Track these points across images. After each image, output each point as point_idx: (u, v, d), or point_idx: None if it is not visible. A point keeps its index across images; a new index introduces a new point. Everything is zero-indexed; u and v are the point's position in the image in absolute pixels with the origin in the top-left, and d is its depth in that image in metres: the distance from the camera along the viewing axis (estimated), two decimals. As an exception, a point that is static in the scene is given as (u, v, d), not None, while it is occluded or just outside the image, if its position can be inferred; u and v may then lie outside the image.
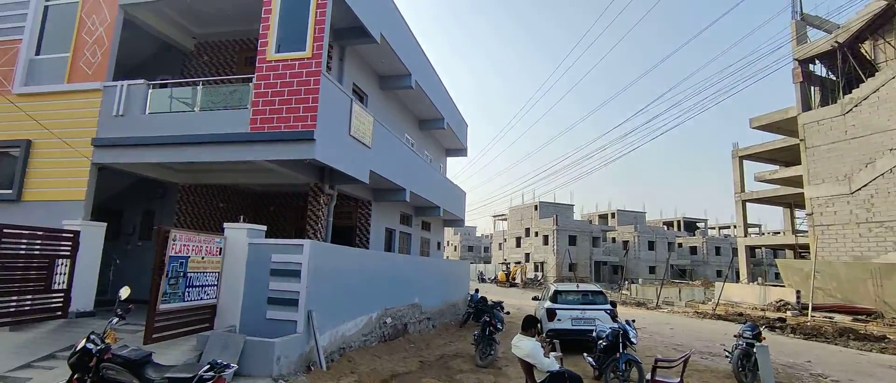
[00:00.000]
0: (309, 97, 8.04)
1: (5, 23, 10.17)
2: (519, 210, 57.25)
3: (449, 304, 16.02)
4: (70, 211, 8.89)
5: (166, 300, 6.50)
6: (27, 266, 7.56)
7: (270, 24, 8.48)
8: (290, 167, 8.86)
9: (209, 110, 8.70)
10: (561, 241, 49.34)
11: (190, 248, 6.85)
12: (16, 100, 9.55)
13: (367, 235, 12.25)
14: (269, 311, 7.33)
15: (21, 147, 9.47)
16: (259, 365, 6.51)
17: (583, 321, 10.62)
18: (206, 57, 11.53)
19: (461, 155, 21.92)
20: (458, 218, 19.37)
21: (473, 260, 65.51)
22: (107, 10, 9.60)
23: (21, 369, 6.46)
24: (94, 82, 9.32)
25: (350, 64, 11.19)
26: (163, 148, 8.67)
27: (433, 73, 15.77)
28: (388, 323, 10.59)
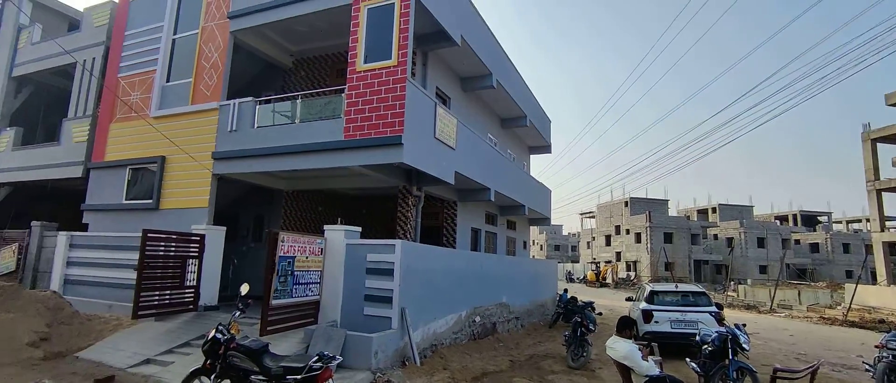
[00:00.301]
0: (396, 103, 8.39)
1: (145, 57, 11.84)
2: (608, 207, 54.73)
3: (537, 304, 15.78)
4: (196, 217, 10.13)
5: (277, 296, 7.15)
6: (166, 265, 8.75)
7: (358, 37, 8.99)
8: (380, 171, 9.30)
9: (307, 121, 9.42)
10: (655, 239, 46.32)
11: (296, 249, 7.47)
12: (153, 122, 11.09)
13: (453, 235, 12.48)
14: (367, 308, 7.76)
15: (157, 162, 10.98)
16: (359, 359, 6.93)
17: (684, 324, 9.91)
18: (303, 72, 12.50)
19: (545, 152, 21.48)
20: (544, 216, 19.01)
21: (560, 259, 63.75)
22: (220, 38, 10.79)
23: (165, 354, 7.50)
24: (211, 102, 10.52)
25: (433, 68, 11.48)
26: (269, 158, 9.55)
27: (514, 71, 15.64)
28: (477, 321, 10.70)
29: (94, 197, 12.03)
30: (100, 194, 11.94)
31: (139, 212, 11.08)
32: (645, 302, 10.72)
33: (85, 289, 10.59)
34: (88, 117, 12.81)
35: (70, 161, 12.78)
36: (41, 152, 13.56)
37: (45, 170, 13.25)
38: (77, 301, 9.84)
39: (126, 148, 11.65)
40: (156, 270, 8.55)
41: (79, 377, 6.49)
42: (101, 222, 11.70)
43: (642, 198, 51.60)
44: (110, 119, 12.14)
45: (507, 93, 14.56)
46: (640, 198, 51.56)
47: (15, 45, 14.91)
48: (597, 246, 55.51)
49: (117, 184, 11.66)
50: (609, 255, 51.88)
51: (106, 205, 11.72)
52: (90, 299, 10.19)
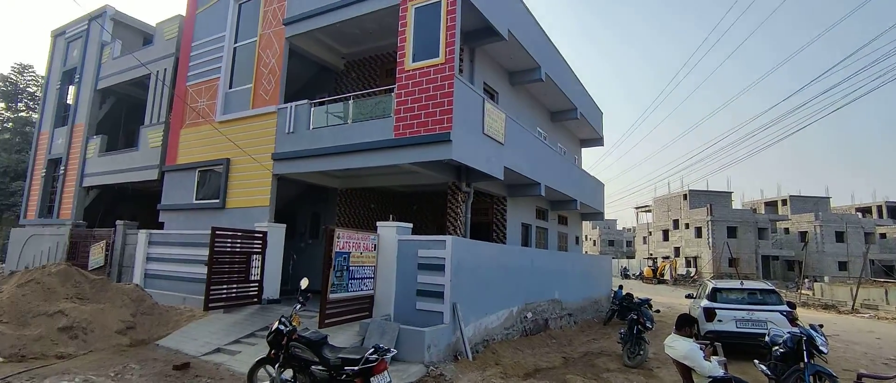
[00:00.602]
0: (444, 101, 8.48)
1: (210, 66, 12.64)
2: (665, 200, 52.33)
3: (590, 301, 15.43)
4: (258, 215, 10.72)
5: (334, 290, 7.46)
6: (232, 261, 9.34)
7: (407, 36, 9.14)
8: (430, 168, 9.43)
9: (359, 121, 9.71)
10: (717, 233, 43.79)
11: (350, 245, 7.74)
12: (218, 126, 11.83)
13: (503, 231, 12.44)
14: (419, 302, 7.92)
15: (223, 164, 11.71)
16: (412, 352, 7.09)
17: (751, 323, 9.36)
18: (354, 74, 12.88)
19: (597, 145, 20.87)
20: (597, 211, 18.50)
21: (615, 255, 61.82)
22: (276, 44, 11.32)
23: (233, 343, 8.01)
24: (270, 106, 11.08)
25: (480, 63, 11.47)
26: (323, 158, 9.94)
27: (563, 63, 15.31)
28: (529, 317, 10.63)
29: (168, 197, 13.01)
30: (173, 195, 12.90)
31: (208, 210, 11.87)
32: (707, 300, 10.21)
33: (162, 283, 11.50)
34: (162, 124, 13.85)
35: (147, 165, 13.90)
36: (122, 157, 14.83)
37: (126, 173, 14.48)
38: (156, 293, 10.71)
39: (195, 151, 12.51)
40: (224, 265, 9.15)
41: (160, 363, 7.08)
42: (175, 221, 12.65)
43: (702, 191, 48.88)
44: (181, 125, 13.07)
45: (557, 85, 14.28)
46: (701, 191, 48.86)
47: (99, 61, 16.36)
48: (654, 241, 53.29)
49: (188, 186, 12.55)
50: (667, 251, 49.64)
51: (178, 204, 12.65)
52: (167, 292, 11.06)
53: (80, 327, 7.84)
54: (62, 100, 17.93)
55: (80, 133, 16.27)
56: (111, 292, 9.23)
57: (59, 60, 18.29)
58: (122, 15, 16.81)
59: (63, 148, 16.80)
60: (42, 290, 8.38)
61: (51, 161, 17.41)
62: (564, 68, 15.42)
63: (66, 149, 16.66)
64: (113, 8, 16.58)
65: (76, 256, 14.45)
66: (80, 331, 7.79)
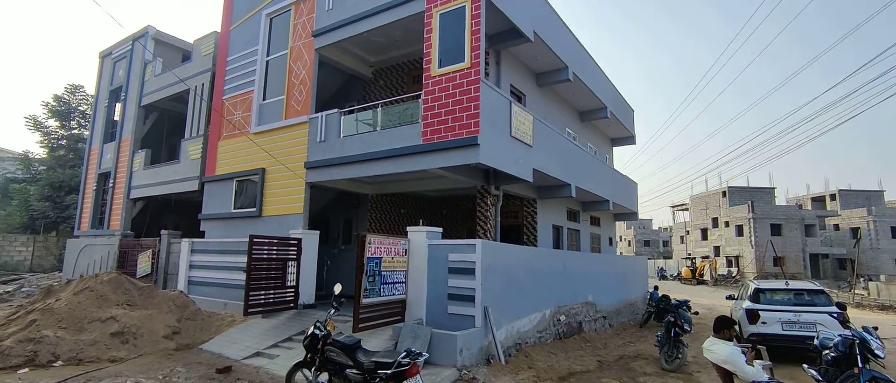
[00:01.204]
0: (471, 105, 8.52)
1: (244, 79, 13.13)
2: (703, 198, 50.60)
3: (626, 303, 15.09)
4: (293, 222, 11.03)
5: (367, 295, 7.59)
6: (269, 267, 9.64)
7: (432, 42, 9.24)
8: (458, 172, 9.48)
9: (387, 128, 9.87)
10: (760, 231, 41.97)
11: (382, 250, 7.87)
12: (253, 137, 12.26)
13: (534, 233, 12.34)
14: (450, 306, 7.96)
15: (259, 174, 12.11)
16: (444, 356, 7.14)
17: (798, 325, 8.95)
18: (381, 81, 13.09)
19: (629, 143, 20.44)
20: (630, 210, 18.10)
21: (651, 255, 60.17)
22: (307, 56, 11.65)
23: (271, 348, 8.27)
24: (302, 116, 11.39)
25: (506, 66, 11.46)
26: (354, 165, 10.14)
27: (591, 62, 15.09)
28: (562, 320, 10.50)
29: (208, 207, 13.56)
30: (213, 204, 13.43)
31: (245, 219, 12.30)
32: (749, 301, 9.82)
33: (204, 289, 11.98)
34: (201, 136, 14.46)
35: (188, 176, 14.53)
36: (165, 169, 15.55)
37: (169, 185, 15.17)
38: (199, 299, 11.16)
39: (232, 162, 12.99)
40: (261, 272, 9.46)
41: (203, 366, 7.38)
42: (215, 229, 13.16)
43: (743, 187, 46.96)
44: (218, 137, 13.61)
45: (585, 84, 14.09)
46: (741, 187, 46.96)
47: (142, 79, 17.24)
48: (692, 240, 51.57)
49: (226, 195, 13.04)
50: (706, 250, 47.94)
51: (218, 213, 13.16)
52: (209, 298, 11.51)
53: (130, 332, 8.26)
54: (110, 117, 18.97)
55: (127, 148, 17.16)
56: (158, 299, 9.69)
57: (107, 79, 19.37)
58: (162, 34, 17.66)
59: (111, 162, 17.76)
60: (96, 297, 8.88)
61: (101, 175, 18.43)
62: (592, 67, 15.20)
63: (114, 163, 17.61)
64: (154, 28, 17.45)
65: (125, 264, 15.23)
66: (130, 336, 8.22)
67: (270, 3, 12.83)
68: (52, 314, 8.20)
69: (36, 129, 27.30)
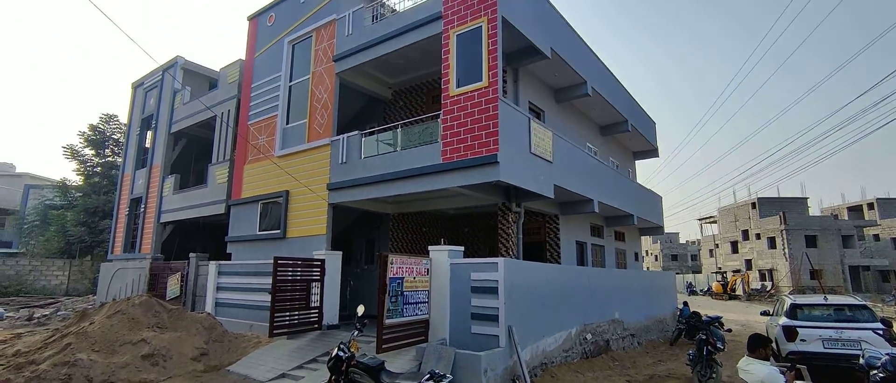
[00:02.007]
0: (489, 123, 8.55)
1: (268, 104, 13.51)
2: (731, 210, 49.17)
3: (654, 320, 14.66)
4: (316, 243, 11.17)
5: (390, 316, 7.57)
6: (293, 289, 9.74)
7: (450, 63, 9.36)
8: (478, 190, 9.48)
9: (408, 148, 9.97)
10: (794, 243, 40.42)
11: (404, 270, 7.88)
12: (277, 161, 12.54)
13: (557, 250, 12.18)
14: (473, 326, 7.88)
15: (283, 196, 12.34)
16: (469, 377, 7.03)
17: (840, 343, 8.52)
18: (401, 102, 13.29)
19: (651, 156, 20.13)
20: (656, 225, 17.72)
21: (679, 270, 58.49)
22: (328, 80, 11.93)
23: (296, 369, 8.30)
24: (324, 139, 11.62)
25: (524, 83, 11.50)
26: (375, 185, 10.25)
27: (610, 76, 15.02)
28: (589, 339, 10.26)
29: (234, 229, 13.85)
30: (239, 227, 13.72)
31: (270, 241, 12.51)
32: (785, 318, 9.42)
33: (231, 311, 12.16)
34: (227, 161, 14.87)
35: (215, 200, 14.91)
36: (193, 194, 16.00)
37: (197, 208, 15.59)
38: (225, 321, 11.34)
39: (257, 185, 13.30)
40: (286, 293, 9.57)
41: (230, 388, 7.45)
42: (241, 251, 13.41)
43: (773, 198, 45.47)
44: (244, 161, 13.97)
45: (604, 99, 14.01)
46: (771, 198, 45.49)
47: (172, 107, 17.92)
48: (721, 253, 50.00)
49: (252, 218, 13.32)
50: (737, 264, 46.37)
51: (244, 236, 13.43)
52: (235, 319, 11.67)
53: (160, 354, 8.43)
54: (141, 145, 19.72)
55: (157, 173, 17.76)
56: (186, 321, 9.88)
57: (139, 108, 20.20)
58: (190, 63, 18.38)
59: (143, 188, 18.39)
60: (127, 320, 9.11)
61: (133, 200, 19.09)
62: (612, 81, 15.12)
63: (145, 188, 18.22)
64: (183, 58, 18.19)
65: (156, 287, 15.62)
66: (160, 358, 8.37)
67: (292, 31, 13.25)
68: (86, 337, 8.43)
69: (73, 158, 28.56)
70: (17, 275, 24.16)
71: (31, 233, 31.01)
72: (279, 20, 13.89)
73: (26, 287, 23.76)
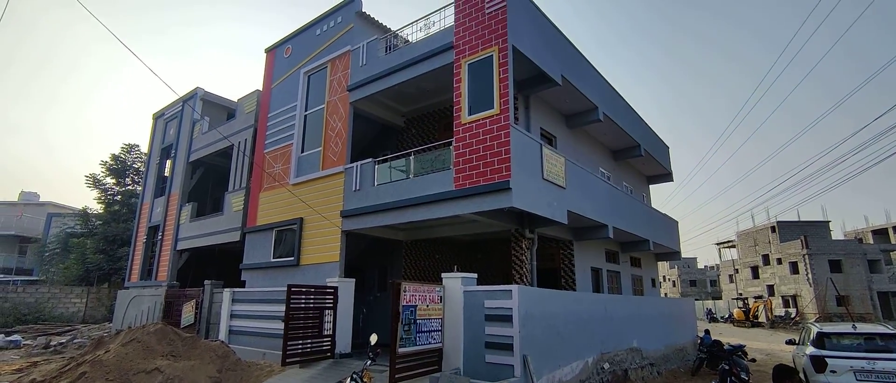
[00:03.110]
0: (501, 150, 8.60)
1: (284, 133, 13.79)
2: (750, 234, 48.13)
3: (674, 349, 14.24)
4: (329, 271, 11.18)
5: (403, 344, 7.48)
6: (306, 316, 9.71)
7: (462, 91, 9.50)
8: (491, 216, 9.46)
9: (420, 175, 10.04)
10: (818, 268, 39.21)
11: (417, 298, 7.82)
12: (292, 188, 12.71)
13: (572, 276, 12.01)
14: (488, 355, 7.73)
15: (297, 224, 12.45)
16: (484, 408, 6.87)
17: (874, 375, 8.14)
18: (413, 130, 13.46)
19: (666, 180, 19.95)
20: (672, 250, 17.41)
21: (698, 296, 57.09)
22: (342, 109, 12.17)
23: (309, 399, 8.19)
24: (338, 166, 11.77)
25: (535, 110, 11.59)
26: (388, 212, 10.29)
27: (621, 101, 15.07)
28: (606, 368, 9.98)
29: (249, 257, 13.95)
30: (253, 254, 13.82)
31: (284, 268, 12.56)
32: (813, 347, 9.07)
33: (244, 339, 12.13)
34: (243, 189, 15.11)
35: (231, 227, 15.09)
36: (209, 221, 16.23)
37: (213, 236, 15.77)
38: (239, 349, 11.29)
39: (272, 213, 13.45)
40: (299, 321, 9.53)
41: (242, 419, 7.36)
42: (256, 279, 13.47)
43: (793, 222, 44.44)
44: (260, 189, 14.18)
45: (617, 124, 14.02)
46: (791, 222, 44.46)
47: (191, 136, 18.38)
48: (742, 279, 48.69)
49: (266, 245, 13.42)
50: (759, 289, 45.05)
51: (258, 263, 13.51)
52: (248, 347, 11.63)
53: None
54: (161, 174, 20.17)
55: (175, 202, 18.09)
56: (200, 349, 9.86)
57: (159, 138, 20.76)
58: (210, 95, 18.93)
59: (161, 216, 18.72)
60: (142, 348, 9.14)
61: (151, 228, 19.41)
62: (624, 106, 15.16)
63: (163, 216, 18.54)
64: (202, 89, 18.75)
65: (170, 314, 15.70)
66: (173, 388, 8.33)
67: (308, 62, 13.62)
68: (101, 366, 8.46)
69: (94, 187, 29.28)
70: (37, 302, 24.51)
71: (52, 260, 31.59)
72: (296, 52, 14.30)
73: (44, 314, 24.04)
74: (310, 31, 13.98)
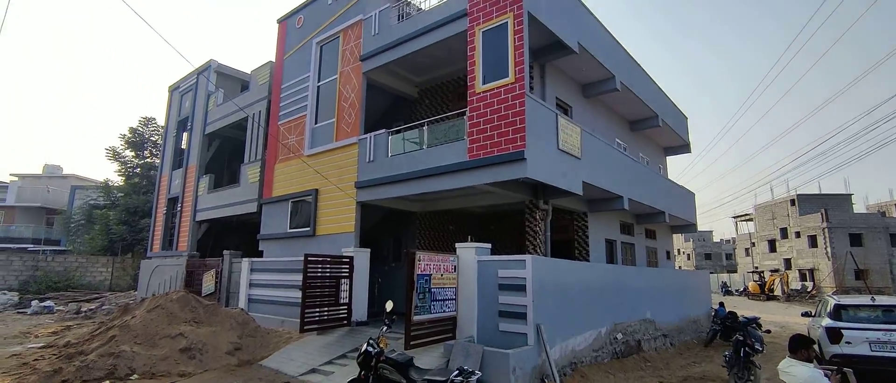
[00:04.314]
0: (516, 119, 8.48)
1: (297, 104, 13.78)
2: (768, 207, 47.31)
3: (688, 320, 14.27)
4: (345, 241, 11.33)
5: (418, 312, 7.62)
6: (323, 285, 9.92)
7: (476, 60, 9.33)
8: (505, 187, 9.42)
9: (434, 146, 9.99)
10: (837, 242, 38.55)
11: (431, 267, 7.91)
12: (306, 160, 12.78)
13: (586, 248, 12.00)
14: (501, 324, 7.84)
15: (312, 195, 12.57)
16: (497, 375, 7.00)
17: (889, 346, 8.09)
18: (427, 100, 13.33)
19: (683, 152, 19.57)
20: (688, 222, 17.23)
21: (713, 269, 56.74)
22: (355, 80, 12.08)
23: (326, 364, 8.45)
24: (352, 137, 11.77)
25: (551, 79, 11.36)
26: (402, 183, 10.32)
27: (639, 70, 14.67)
28: (619, 338, 10.07)
29: (266, 227, 14.20)
30: (270, 225, 14.06)
31: (300, 238, 12.76)
32: (829, 319, 9.01)
33: (263, 307, 12.48)
34: (258, 161, 15.25)
35: (247, 198, 15.32)
36: (227, 193, 16.48)
37: (231, 207, 16.05)
38: (258, 316, 11.64)
39: (288, 184, 13.58)
40: (316, 289, 9.75)
41: (263, 382, 7.65)
42: (272, 249, 13.74)
43: (814, 195, 43.48)
44: (275, 160, 14.30)
45: (634, 93, 13.69)
46: (811, 195, 43.51)
47: (206, 109, 18.50)
48: (758, 252, 48.19)
49: (282, 216, 13.62)
50: (776, 263, 44.60)
51: (275, 234, 13.75)
52: (267, 315, 11.97)
53: (196, 348, 8.73)
54: (178, 146, 20.44)
55: (193, 174, 18.37)
56: (221, 316, 10.19)
57: (175, 111, 20.94)
58: (223, 66, 18.93)
59: (179, 188, 19.06)
60: (166, 315, 9.48)
61: (170, 200, 19.81)
62: (641, 75, 14.76)
63: (181, 188, 18.88)
64: (216, 61, 18.74)
65: (192, 283, 16.17)
66: (196, 352, 8.67)
67: (320, 32, 13.47)
68: (129, 330, 8.81)
69: (114, 159, 29.88)
70: (65, 271, 25.45)
71: (78, 231, 32.60)
72: (307, 22, 14.14)
73: (73, 282, 24.99)
74: (321, 1, 13.77)
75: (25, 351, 9.75)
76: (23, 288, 23.30)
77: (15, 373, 7.69)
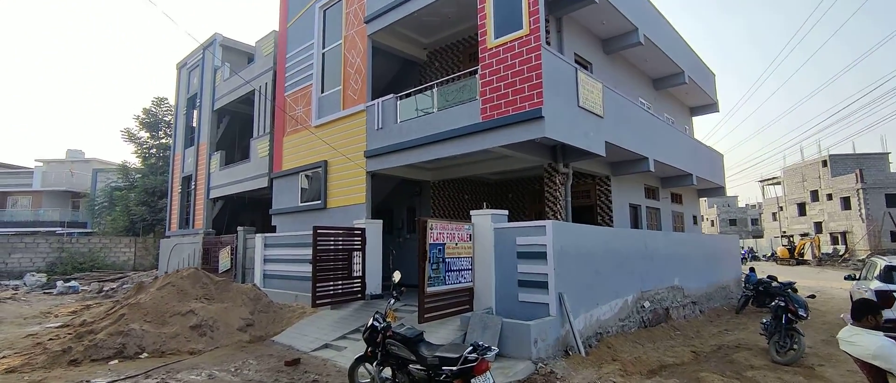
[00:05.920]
0: (532, 75, 7.80)
1: (303, 74, 13.23)
2: (798, 169, 45.39)
3: (718, 287, 13.62)
4: (357, 213, 10.93)
5: (431, 284, 7.19)
6: (335, 258, 9.56)
7: (487, 11, 8.59)
8: (522, 149, 8.80)
9: (445, 109, 9.38)
10: (873, 203, 36.81)
11: (445, 236, 7.43)
12: (314, 131, 12.31)
13: (609, 213, 11.36)
14: (521, 294, 7.37)
15: (321, 167, 12.15)
16: (518, 348, 6.58)
17: (948, 310, 7.36)
18: (437, 63, 12.63)
19: (710, 111, 18.46)
20: (717, 185, 16.36)
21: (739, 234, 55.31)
22: (360, 44, 11.44)
23: (339, 339, 8.15)
24: (359, 105, 11.22)
25: (569, 33, 10.53)
26: (413, 150, 9.77)
27: (664, 23, 13.61)
28: (647, 307, 9.53)
29: (277, 202, 13.90)
30: (281, 199, 13.75)
31: (311, 212, 12.42)
32: (878, 282, 8.30)
33: (277, 282, 12.27)
34: (267, 135, 14.86)
35: (258, 174, 15.02)
36: (238, 169, 16.22)
37: (242, 183, 15.80)
38: (272, 292, 11.43)
39: (297, 157, 13.18)
40: (328, 263, 9.40)
41: (274, 359, 7.39)
42: (285, 224, 13.47)
43: (847, 155, 41.42)
44: (283, 133, 13.88)
45: (658, 48, 12.71)
46: (845, 155, 41.45)
47: (214, 84, 18.10)
48: (787, 216, 46.59)
49: (293, 190, 13.28)
50: (805, 227, 43.06)
51: (287, 208, 13.45)
52: (281, 290, 11.76)
53: (207, 325, 8.52)
54: (188, 124, 20.21)
55: (204, 151, 18.15)
56: (232, 292, 9.98)
57: (184, 88, 20.64)
58: (228, 40, 18.42)
59: (192, 166, 18.91)
60: (176, 292, 9.28)
61: (184, 178, 19.72)
62: (666, 28, 13.71)
63: (194, 166, 18.72)
64: (220, 35, 18.23)
65: (209, 260, 16.13)
66: (207, 329, 8.46)
67: (323, -5, 12.78)
68: (139, 308, 8.63)
69: (130, 141, 29.98)
70: (90, 252, 25.91)
71: (101, 213, 33.17)
72: (309, -15, 13.44)
73: (98, 263, 25.46)
74: (322, -39, 13.03)
75: (42, 331, 9.72)
76: (50, 270, 23.80)
77: (26, 353, 7.59)
